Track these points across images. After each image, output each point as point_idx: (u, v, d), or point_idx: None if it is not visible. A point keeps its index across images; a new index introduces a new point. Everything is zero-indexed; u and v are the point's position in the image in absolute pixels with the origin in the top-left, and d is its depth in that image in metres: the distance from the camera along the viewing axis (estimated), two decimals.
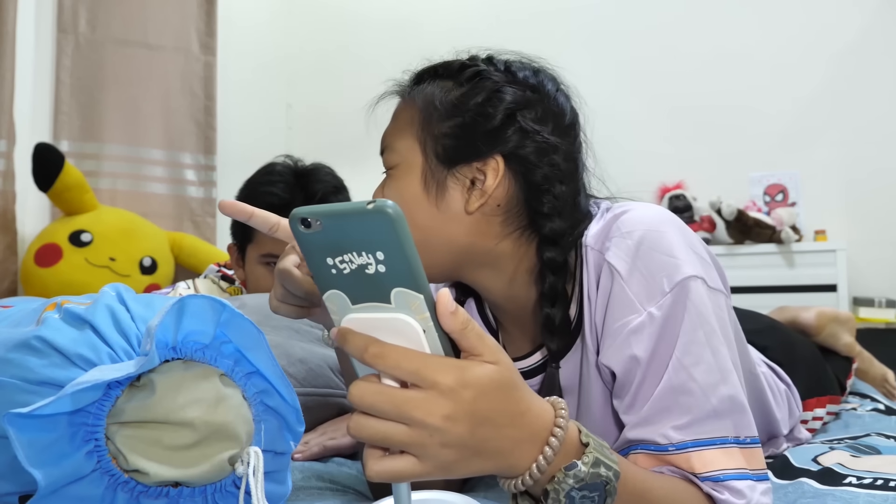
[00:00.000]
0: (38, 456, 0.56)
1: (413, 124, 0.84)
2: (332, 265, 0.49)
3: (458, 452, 0.51)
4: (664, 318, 0.74)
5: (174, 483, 0.62)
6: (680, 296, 0.74)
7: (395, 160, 0.84)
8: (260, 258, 1.46)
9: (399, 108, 0.88)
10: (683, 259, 0.76)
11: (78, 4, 2.51)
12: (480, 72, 0.84)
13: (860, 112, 2.82)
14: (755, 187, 2.91)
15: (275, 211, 1.41)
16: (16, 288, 2.22)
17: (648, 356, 0.74)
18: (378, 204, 0.46)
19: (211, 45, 2.80)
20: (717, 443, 0.71)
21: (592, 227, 0.84)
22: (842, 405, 1.48)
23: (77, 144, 2.50)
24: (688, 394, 0.72)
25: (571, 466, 0.56)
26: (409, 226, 0.79)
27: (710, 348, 0.74)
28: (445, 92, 0.84)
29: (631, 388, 0.75)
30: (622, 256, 0.78)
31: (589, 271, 0.82)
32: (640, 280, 0.76)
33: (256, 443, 0.66)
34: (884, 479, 0.89)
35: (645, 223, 0.79)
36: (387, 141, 0.87)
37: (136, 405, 0.60)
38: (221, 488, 0.64)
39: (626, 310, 0.76)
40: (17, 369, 0.61)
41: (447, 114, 0.82)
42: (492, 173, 0.81)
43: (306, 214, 0.48)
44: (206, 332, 0.64)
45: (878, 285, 2.73)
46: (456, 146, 0.81)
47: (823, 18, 2.88)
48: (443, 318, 0.50)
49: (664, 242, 0.77)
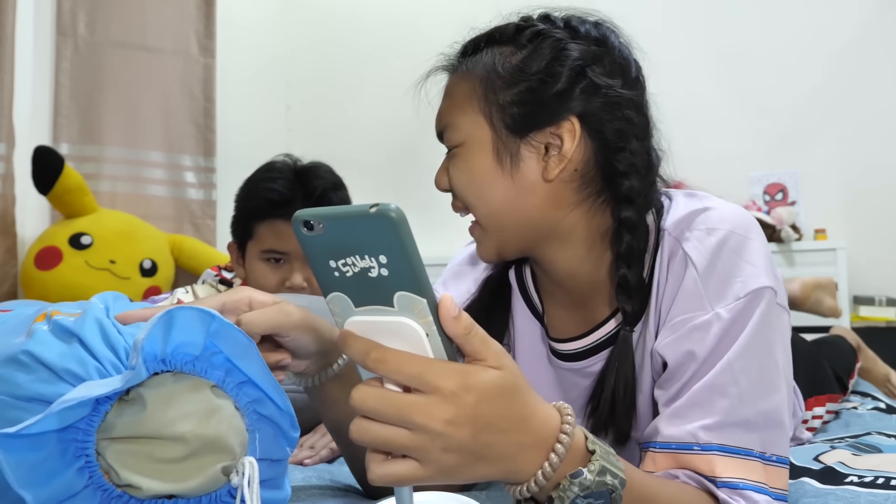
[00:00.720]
0: (28, 476, 0.55)
1: (473, 97, 0.80)
2: (335, 268, 0.49)
3: (460, 457, 0.50)
4: (731, 322, 0.72)
5: (168, 496, 0.61)
6: (751, 303, 0.73)
7: (459, 137, 0.80)
8: (260, 254, 1.47)
9: (452, 83, 0.84)
10: (762, 269, 0.75)
11: (77, 7, 2.51)
12: (540, 31, 0.80)
13: (860, 110, 2.82)
14: (755, 186, 2.91)
15: (274, 207, 1.41)
16: (16, 291, 2.22)
17: (706, 356, 0.73)
18: (381, 207, 0.46)
19: (210, 47, 2.80)
20: (740, 453, 0.69)
21: (673, 212, 0.82)
22: (842, 404, 1.48)
23: (76, 147, 2.50)
24: (725, 396, 0.70)
25: (577, 474, 0.55)
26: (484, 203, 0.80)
27: (762, 360, 0.72)
28: (505, 57, 0.79)
29: (679, 382, 0.74)
30: (702, 251, 0.76)
31: (663, 257, 0.80)
32: (715, 279, 0.74)
33: (251, 452, 0.65)
34: (885, 477, 0.88)
35: (732, 224, 0.77)
36: (445, 119, 0.83)
37: (126, 420, 0.59)
38: (217, 499, 0.63)
39: (695, 305, 0.75)
40: (6, 385, 0.60)
41: (511, 80, 0.78)
42: (568, 136, 0.77)
43: (309, 217, 0.48)
44: (196, 344, 0.62)
45: (879, 284, 2.73)
46: (526, 113, 0.78)
47: (823, 16, 2.88)
48: (445, 322, 0.49)
49: (747, 248, 0.76)
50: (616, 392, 0.78)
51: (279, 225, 1.44)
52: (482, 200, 0.80)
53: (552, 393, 0.90)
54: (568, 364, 0.88)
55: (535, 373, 0.91)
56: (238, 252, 1.55)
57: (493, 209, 0.80)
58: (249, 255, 1.50)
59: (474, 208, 0.81)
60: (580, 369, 0.87)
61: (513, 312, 0.94)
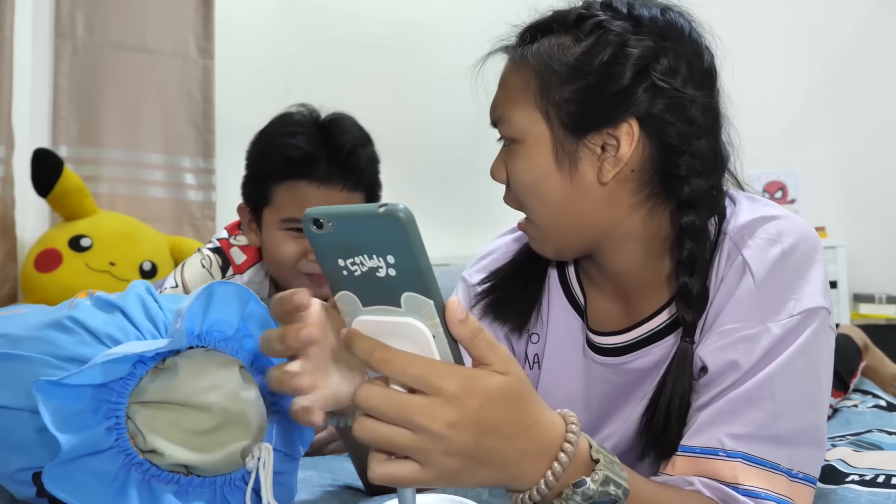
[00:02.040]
0: (63, 423, 0.57)
1: (529, 90, 0.76)
2: (344, 266, 0.49)
3: (461, 461, 0.50)
4: (780, 338, 0.70)
5: (186, 470, 0.62)
6: (804, 322, 0.70)
7: (515, 132, 0.77)
8: (280, 224, 1.29)
9: (508, 71, 0.80)
10: (819, 289, 0.72)
11: (75, 9, 2.51)
12: (601, 22, 0.75)
13: (859, 108, 2.82)
14: (754, 184, 2.91)
15: (295, 167, 1.26)
16: (16, 294, 2.22)
17: (749, 368, 0.70)
18: (389, 207, 0.45)
19: (209, 48, 2.80)
20: (765, 465, 0.67)
21: (737, 217, 0.78)
22: (842, 402, 1.48)
23: (76, 149, 2.50)
24: (759, 409, 0.68)
25: (580, 483, 0.54)
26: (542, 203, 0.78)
27: (804, 379, 0.70)
28: (563, 50, 0.75)
29: (716, 390, 0.71)
30: (763, 261, 0.73)
31: (720, 261, 0.77)
32: (771, 292, 0.72)
33: (268, 440, 0.66)
34: (886, 475, 0.89)
35: (797, 238, 0.74)
36: (499, 111, 0.79)
37: (158, 385, 0.61)
38: (231, 482, 0.65)
39: (746, 315, 0.72)
40: (47, 346, 0.63)
41: (569, 76, 0.74)
42: (626, 138, 0.73)
43: (318, 215, 0.48)
44: (231, 323, 0.65)
45: (879, 281, 2.73)
46: (583, 113, 0.74)
47: (820, 14, 2.88)
48: (452, 325, 0.49)
49: (809, 265, 0.73)
50: (671, 406, 0.75)
51: (301, 188, 1.27)
52: (540, 200, 0.77)
53: (577, 387, 0.88)
54: (605, 359, 0.85)
55: (565, 366, 0.89)
56: (251, 216, 1.37)
57: (550, 210, 0.77)
58: (267, 224, 1.33)
59: (532, 209, 0.79)
60: (617, 365, 0.84)
61: (550, 301, 0.91)
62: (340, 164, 1.28)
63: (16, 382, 0.61)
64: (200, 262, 1.40)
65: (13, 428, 0.62)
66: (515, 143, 0.77)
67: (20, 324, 0.69)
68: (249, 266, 1.41)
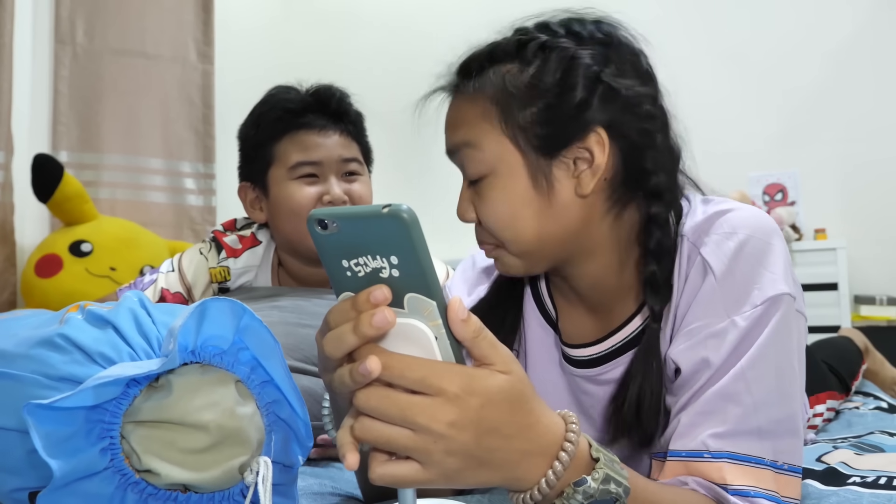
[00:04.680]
0: (55, 448, 0.56)
1: (490, 120, 0.75)
2: (348, 267, 0.49)
3: (462, 461, 0.50)
4: (747, 330, 0.71)
5: (183, 488, 0.62)
6: (769, 311, 0.71)
7: (485, 167, 0.76)
8: (290, 173, 1.33)
9: (459, 108, 0.79)
10: (781, 275, 0.73)
11: (75, 15, 2.51)
12: (544, 43, 0.76)
13: (859, 109, 2.82)
14: (754, 187, 2.91)
15: (294, 115, 1.33)
16: (15, 299, 2.22)
17: (720, 364, 0.71)
18: (393, 208, 0.46)
19: (208, 53, 2.80)
20: (750, 461, 0.68)
21: (691, 217, 0.80)
22: (844, 403, 1.48)
23: (76, 155, 2.50)
24: (737, 405, 0.69)
25: (581, 482, 0.55)
26: (523, 232, 0.77)
27: (778, 368, 0.71)
28: (514, 76, 0.75)
29: (692, 389, 0.72)
30: (720, 257, 0.74)
31: (682, 262, 0.78)
32: (733, 285, 0.73)
33: (266, 453, 0.66)
34: (888, 477, 0.88)
35: (750, 227, 0.75)
36: (463, 149, 0.77)
37: (152, 405, 0.60)
38: (229, 497, 0.64)
39: (711, 312, 0.73)
40: (39, 365, 0.62)
41: (528, 99, 0.74)
42: (598, 148, 0.75)
43: (323, 216, 0.48)
44: (225, 338, 0.64)
45: (879, 283, 2.72)
46: (551, 132, 0.74)
47: (818, 15, 2.89)
48: (454, 325, 0.49)
49: (767, 253, 0.74)
50: (643, 391, 0.75)
51: (302, 136, 1.33)
52: (521, 230, 0.76)
53: (564, 401, 0.88)
54: (581, 371, 0.86)
55: (547, 380, 0.89)
56: (255, 191, 1.40)
57: (531, 237, 0.76)
58: (275, 182, 1.35)
59: (511, 240, 0.77)
60: (594, 376, 0.85)
61: (525, 317, 0.92)
62: (333, 114, 1.37)
63: (6, 402, 0.60)
64: (199, 249, 1.43)
65: (6, 449, 0.61)
66: (486, 178, 0.76)
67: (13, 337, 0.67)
68: (244, 251, 1.42)
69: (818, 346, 1.66)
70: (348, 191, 1.35)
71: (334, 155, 1.35)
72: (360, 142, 1.43)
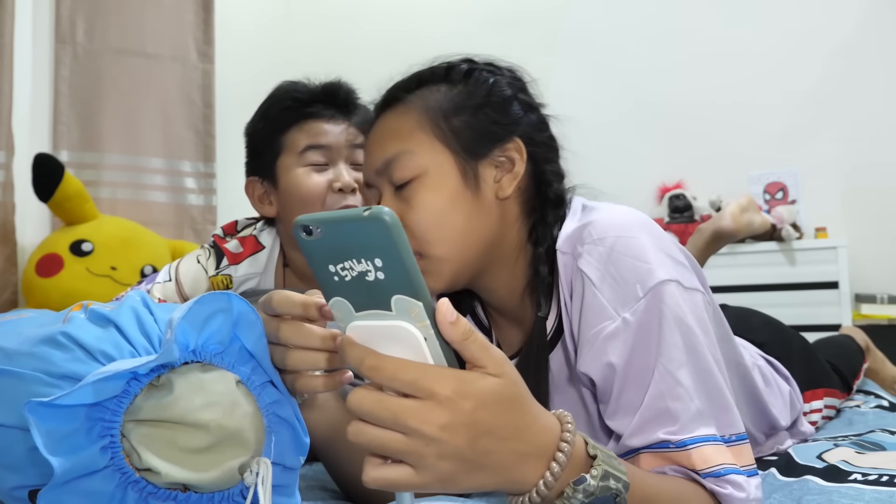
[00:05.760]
0: (56, 445, 0.56)
1: (423, 127, 0.84)
2: (335, 272, 0.49)
3: (456, 464, 0.50)
4: (638, 324, 0.74)
5: (183, 487, 0.62)
6: (654, 301, 0.74)
7: (417, 168, 0.82)
8: (299, 159, 1.33)
9: (390, 120, 0.86)
10: (655, 263, 0.76)
11: (75, 15, 2.51)
12: (471, 69, 0.88)
13: (859, 108, 2.82)
14: (755, 185, 2.91)
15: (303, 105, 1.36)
16: (16, 299, 2.22)
17: (625, 362, 0.74)
18: (374, 211, 0.46)
19: (209, 53, 2.80)
20: (708, 440, 0.70)
21: (564, 230, 0.84)
22: (844, 402, 1.48)
23: (76, 154, 2.50)
24: (676, 398, 0.71)
25: (580, 481, 0.55)
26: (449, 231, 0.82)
27: (689, 350, 0.73)
28: (444, 92, 0.86)
29: (611, 395, 0.75)
30: (594, 264, 0.78)
31: (563, 278, 0.82)
32: (612, 286, 0.76)
33: (266, 454, 0.66)
34: (889, 475, 0.88)
35: (615, 228, 0.79)
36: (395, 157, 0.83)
37: (153, 403, 0.60)
38: (229, 497, 0.64)
39: (601, 316, 0.76)
40: (40, 362, 0.62)
41: (458, 109, 0.84)
42: (517, 154, 0.85)
43: (308, 222, 0.49)
44: (225, 335, 0.65)
45: (880, 281, 2.72)
46: (478, 136, 0.84)
47: (820, 14, 2.89)
48: (443, 327, 0.49)
49: (635, 247, 0.77)
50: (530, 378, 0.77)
51: (310, 124, 1.34)
52: (449, 228, 0.82)
53: None
54: None
55: None
56: (263, 185, 1.39)
57: (458, 235, 0.82)
58: (285, 169, 1.34)
59: (436, 241, 0.82)
60: None
61: None
62: (341, 104, 1.39)
63: (8, 399, 0.60)
64: (196, 257, 1.41)
65: (7, 446, 0.61)
66: (416, 180, 0.82)
67: (16, 336, 0.67)
68: (246, 257, 1.41)
69: (818, 344, 1.66)
70: (358, 179, 1.33)
71: (343, 141, 1.35)
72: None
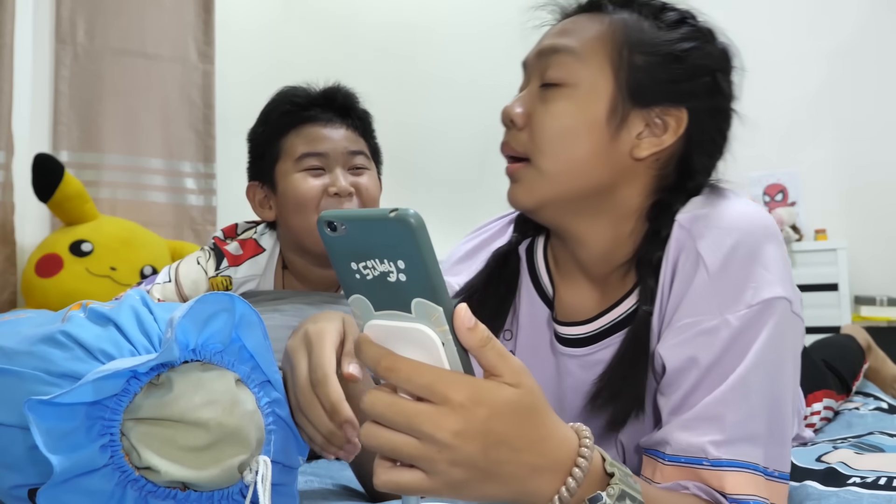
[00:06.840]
0: (56, 444, 0.57)
1: (605, 44, 0.77)
2: (356, 270, 0.49)
3: (468, 472, 0.49)
4: (739, 330, 0.69)
5: (183, 485, 0.62)
6: (763, 313, 0.70)
7: (571, 76, 0.77)
8: (296, 165, 1.34)
9: (582, 21, 0.81)
10: (777, 277, 0.71)
11: (76, 15, 2.51)
12: (685, 18, 0.81)
13: (859, 110, 2.82)
14: (755, 187, 2.91)
15: (301, 109, 1.36)
16: (16, 299, 2.22)
17: (710, 363, 0.69)
18: (400, 212, 0.45)
19: (209, 53, 2.80)
20: (747, 467, 0.67)
21: (691, 205, 0.79)
22: (843, 404, 1.48)
23: (76, 154, 2.50)
24: (735, 412, 0.68)
25: (596, 498, 0.53)
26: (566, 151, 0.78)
27: (773, 372, 0.70)
28: (649, 25, 0.79)
29: (681, 389, 0.71)
30: (716, 252, 0.73)
31: (670, 248, 0.77)
32: (727, 283, 0.71)
33: (266, 453, 0.66)
34: (887, 477, 0.88)
35: (749, 224, 0.74)
36: (561, 51, 0.78)
37: (153, 402, 0.61)
38: (228, 496, 0.64)
39: (703, 308, 0.72)
40: (40, 361, 0.62)
41: (647, 48, 0.77)
42: (673, 125, 0.77)
43: (332, 218, 0.48)
44: (225, 334, 0.65)
45: (880, 283, 2.72)
46: (650, 85, 0.77)
47: (821, 16, 2.89)
48: (460, 333, 0.48)
49: (764, 253, 0.72)
50: (627, 374, 0.75)
51: (308, 129, 1.35)
52: (569, 149, 0.77)
53: (548, 381, 0.88)
54: (570, 350, 0.85)
55: (537, 359, 0.88)
56: (263, 190, 1.41)
57: (570, 161, 0.77)
58: (282, 175, 1.36)
59: (548, 154, 0.78)
60: (582, 356, 0.84)
61: (520, 295, 0.91)
62: (339, 108, 1.39)
63: (8, 398, 0.60)
64: (196, 259, 1.42)
65: (7, 445, 0.61)
66: (562, 86, 0.77)
67: (16, 335, 0.67)
68: (246, 259, 1.41)
69: (819, 344, 1.66)
70: (355, 183, 1.34)
71: (340, 147, 1.35)
72: (368, 139, 1.43)
